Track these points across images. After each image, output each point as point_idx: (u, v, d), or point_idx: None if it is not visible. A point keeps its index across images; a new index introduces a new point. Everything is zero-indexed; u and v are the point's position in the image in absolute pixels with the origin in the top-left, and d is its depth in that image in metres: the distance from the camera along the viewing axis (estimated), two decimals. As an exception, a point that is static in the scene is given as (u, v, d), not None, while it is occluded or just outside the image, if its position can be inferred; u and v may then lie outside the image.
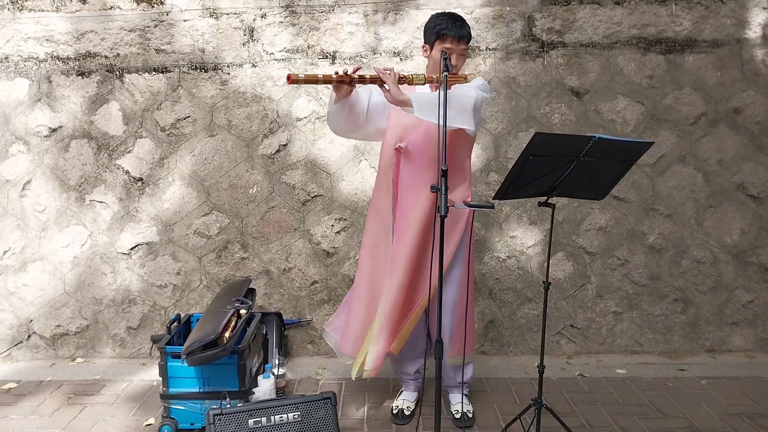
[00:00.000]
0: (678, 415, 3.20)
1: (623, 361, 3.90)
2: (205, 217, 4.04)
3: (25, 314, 4.03)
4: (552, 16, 4.01)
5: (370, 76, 2.60)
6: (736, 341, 4.02)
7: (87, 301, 4.03)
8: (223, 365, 3.02)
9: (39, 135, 4.07)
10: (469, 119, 2.67)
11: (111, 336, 4.02)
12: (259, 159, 4.05)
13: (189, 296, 4.03)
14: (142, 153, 4.05)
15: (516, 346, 4.00)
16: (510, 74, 4.03)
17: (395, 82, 2.59)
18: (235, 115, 4.05)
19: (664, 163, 4.03)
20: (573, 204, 4.01)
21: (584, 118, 4.03)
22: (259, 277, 4.02)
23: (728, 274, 4.02)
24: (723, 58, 4.03)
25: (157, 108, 4.06)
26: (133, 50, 4.07)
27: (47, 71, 4.08)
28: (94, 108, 4.07)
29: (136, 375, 3.75)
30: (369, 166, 4.00)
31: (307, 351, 4.00)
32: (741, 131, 4.04)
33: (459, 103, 2.64)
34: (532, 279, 4.00)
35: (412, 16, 4.00)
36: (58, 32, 4.06)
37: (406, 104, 2.59)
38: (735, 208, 4.03)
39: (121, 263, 4.04)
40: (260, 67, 4.05)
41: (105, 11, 4.06)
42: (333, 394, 2.73)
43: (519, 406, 3.26)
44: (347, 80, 2.61)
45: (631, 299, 4.02)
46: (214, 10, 4.04)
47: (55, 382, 3.68)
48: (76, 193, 4.06)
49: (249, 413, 2.65)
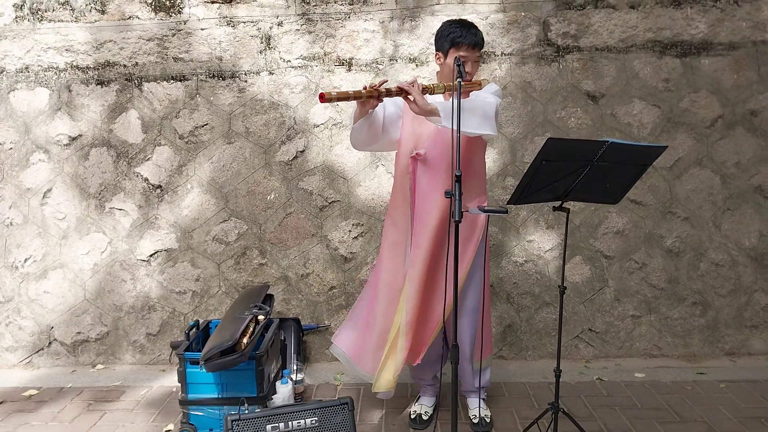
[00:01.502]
0: (696, 418, 3.18)
1: (642, 364, 3.88)
2: (224, 223, 4.07)
3: (46, 321, 4.08)
4: (567, 21, 4.01)
5: (396, 89, 2.62)
6: (755, 344, 3.99)
7: (107, 308, 4.08)
8: (242, 371, 3.04)
9: (59, 144, 4.12)
10: (493, 125, 2.71)
11: (131, 342, 4.06)
12: (276, 165, 4.08)
13: (208, 302, 4.06)
14: (161, 160, 4.10)
15: (534, 351, 4.00)
16: (526, 79, 4.04)
17: (420, 93, 2.61)
18: (252, 122, 4.09)
19: (681, 166, 4.02)
20: (590, 208, 4.00)
21: (600, 122, 4.02)
22: (278, 283, 4.05)
23: (747, 276, 4.00)
24: (739, 61, 4.02)
25: (175, 116, 4.11)
26: (151, 59, 4.12)
27: (67, 81, 4.14)
28: (114, 116, 4.12)
29: (155, 381, 3.79)
30: (386, 171, 4.02)
31: (325, 356, 4.02)
32: (758, 133, 4.02)
33: (483, 111, 2.66)
34: (550, 283, 4.00)
35: (427, 23, 4.02)
36: (78, 42, 4.13)
37: (434, 114, 2.61)
38: (753, 211, 4.01)
39: (141, 270, 4.08)
40: (277, 75, 4.09)
41: (123, 21, 4.12)
42: (350, 399, 2.73)
43: (537, 410, 3.24)
44: (376, 94, 2.63)
45: (649, 303, 4.00)
46: (231, 18, 4.08)
47: (76, 388, 3.72)
48: (96, 200, 4.11)
49: (267, 419, 2.65)
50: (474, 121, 2.63)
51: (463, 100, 2.57)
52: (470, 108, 2.61)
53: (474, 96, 2.74)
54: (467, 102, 2.62)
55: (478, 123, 2.63)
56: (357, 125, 2.82)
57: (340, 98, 2.58)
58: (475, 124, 2.63)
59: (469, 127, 2.60)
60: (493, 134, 2.74)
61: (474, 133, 2.66)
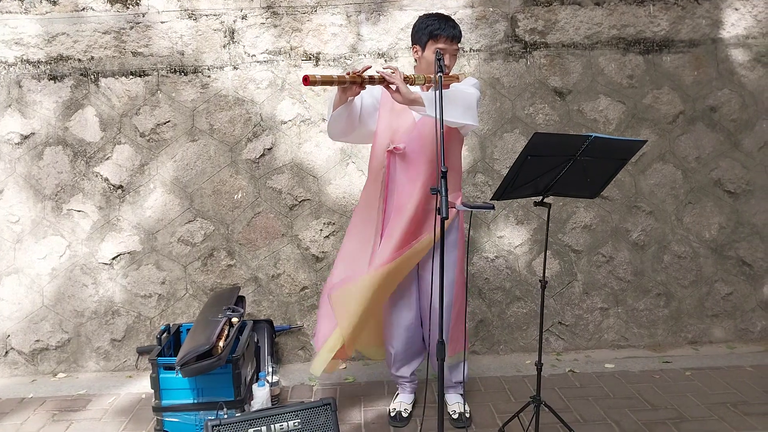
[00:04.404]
0: (666, 406, 3.28)
1: (611, 355, 3.97)
2: (189, 224, 3.95)
3: (2, 329, 3.88)
4: (534, 17, 4.04)
5: (378, 76, 2.57)
6: (716, 333, 4.13)
7: (67, 314, 3.90)
8: (218, 375, 2.97)
9: (10, 143, 3.91)
10: (475, 116, 2.72)
11: (94, 349, 3.90)
12: (243, 164, 3.98)
13: (175, 306, 3.94)
14: (122, 160, 3.94)
15: (506, 345, 4.03)
16: (494, 75, 4.06)
17: (403, 81, 2.57)
18: (217, 119, 3.97)
19: (645, 161, 4.11)
20: (558, 203, 4.05)
21: (567, 118, 4.08)
22: (248, 285, 3.95)
23: (708, 267, 4.13)
24: (699, 58, 4.14)
25: (135, 113, 3.95)
26: (108, 53, 3.95)
27: (17, 76, 3.93)
28: (69, 114, 3.94)
29: (122, 388, 3.65)
30: (356, 169, 3.97)
31: (298, 357, 3.96)
32: (717, 129, 4.15)
33: (464, 101, 2.66)
34: (520, 278, 4.04)
35: (395, 17, 3.98)
36: (28, 35, 3.91)
37: (417, 103, 2.56)
38: (713, 204, 4.14)
39: (103, 274, 3.92)
40: (242, 70, 3.98)
41: (77, 12, 3.93)
42: (333, 399, 2.69)
43: (513, 403, 3.30)
44: (359, 80, 2.57)
45: (616, 295, 4.09)
46: (193, 11, 3.95)
47: (37, 398, 3.55)
48: (53, 202, 3.92)
49: (249, 422, 2.58)
50: (458, 111, 2.61)
51: (446, 91, 2.55)
52: (452, 98, 2.59)
53: (454, 87, 2.73)
54: (449, 92, 2.61)
55: (461, 113, 2.62)
56: (336, 113, 2.74)
57: (325, 82, 2.50)
58: (458, 114, 2.62)
59: (453, 117, 2.57)
60: (475, 125, 2.76)
61: (457, 123, 2.65)
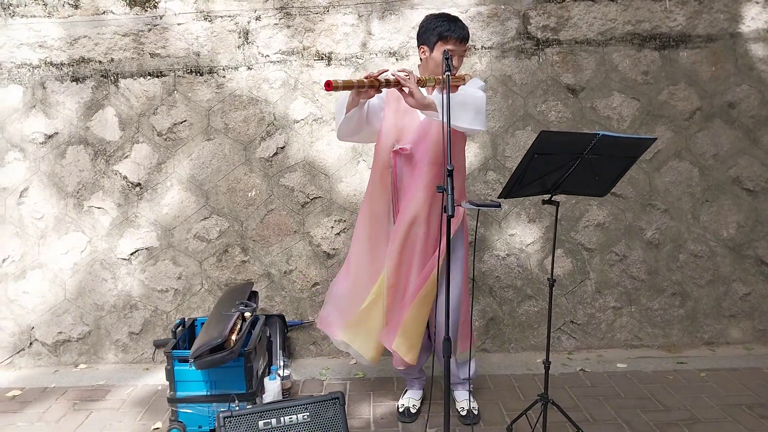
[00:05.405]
0: (679, 407, 3.24)
1: (623, 355, 3.93)
2: (205, 221, 4.03)
3: (26, 322, 4.02)
4: (547, 14, 4.02)
5: (394, 80, 2.60)
6: (733, 333, 4.06)
7: (88, 307, 4.02)
8: (231, 368, 3.04)
9: (35, 142, 4.05)
10: (483, 121, 2.73)
11: (113, 342, 4.02)
12: (257, 162, 4.05)
13: (190, 300, 4.03)
14: (140, 158, 4.04)
15: (517, 343, 4.03)
16: (506, 72, 4.05)
17: (417, 86, 2.59)
18: (231, 118, 4.05)
19: (660, 158, 4.06)
20: (571, 201, 4.03)
21: (580, 115, 4.05)
22: (261, 280, 4.02)
23: (725, 267, 4.06)
24: (717, 53, 4.06)
25: (153, 113, 4.05)
26: (127, 55, 4.05)
27: (41, 77, 4.06)
28: (90, 114, 4.05)
29: (140, 380, 3.76)
30: (367, 167, 4.00)
31: (310, 352, 4.01)
32: (736, 125, 4.07)
33: (475, 106, 2.67)
34: (532, 276, 4.03)
35: (407, 16, 4.00)
36: (51, 38, 4.04)
37: (431, 108, 2.58)
38: (731, 202, 4.07)
39: (122, 269, 4.03)
40: (256, 70, 4.05)
41: (98, 16, 4.04)
42: (341, 394, 2.74)
43: (522, 401, 3.29)
44: (376, 84, 2.61)
45: (629, 294, 4.05)
46: (208, 13, 4.03)
47: (59, 388, 3.68)
48: (74, 199, 4.04)
49: (259, 415, 2.65)
50: (468, 116, 2.63)
51: (455, 95, 2.55)
52: (463, 102, 2.60)
53: (463, 90, 2.73)
54: (459, 96, 2.61)
55: (471, 118, 2.64)
56: (350, 114, 2.79)
57: (347, 87, 2.55)
58: (469, 119, 2.63)
59: (463, 122, 2.59)
60: (483, 130, 2.77)
61: (467, 128, 2.66)
